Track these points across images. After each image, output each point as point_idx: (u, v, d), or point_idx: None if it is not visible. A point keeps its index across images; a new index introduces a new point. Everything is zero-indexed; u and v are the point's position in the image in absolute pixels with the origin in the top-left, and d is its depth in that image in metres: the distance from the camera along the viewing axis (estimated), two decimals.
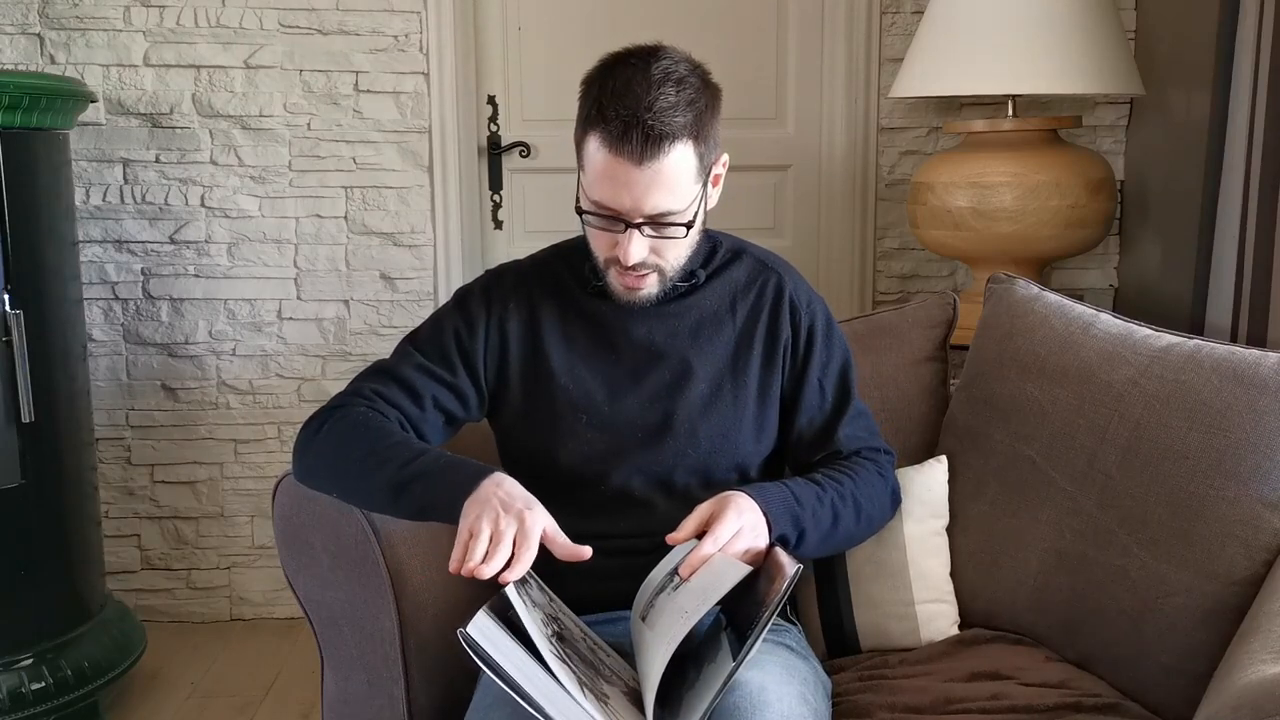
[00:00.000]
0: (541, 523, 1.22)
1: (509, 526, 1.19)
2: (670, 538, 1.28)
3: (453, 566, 1.19)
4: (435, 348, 1.46)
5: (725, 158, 1.42)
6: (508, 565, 1.17)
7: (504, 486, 1.26)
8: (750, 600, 1.22)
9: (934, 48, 2.39)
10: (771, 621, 1.16)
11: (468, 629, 1.12)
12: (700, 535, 1.26)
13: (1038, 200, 2.36)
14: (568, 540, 1.24)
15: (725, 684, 1.13)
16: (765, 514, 1.30)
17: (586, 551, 1.23)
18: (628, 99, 1.29)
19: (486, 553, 1.17)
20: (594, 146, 1.32)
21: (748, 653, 1.14)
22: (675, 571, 1.26)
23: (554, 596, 1.31)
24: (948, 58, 2.35)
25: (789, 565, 1.21)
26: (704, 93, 1.34)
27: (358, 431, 1.37)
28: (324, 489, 1.41)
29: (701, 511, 1.29)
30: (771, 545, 1.30)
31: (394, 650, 1.43)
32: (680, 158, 1.31)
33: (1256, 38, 1.97)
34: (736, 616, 1.23)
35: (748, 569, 1.23)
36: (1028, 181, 2.36)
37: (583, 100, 1.36)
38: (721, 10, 2.84)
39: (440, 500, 1.28)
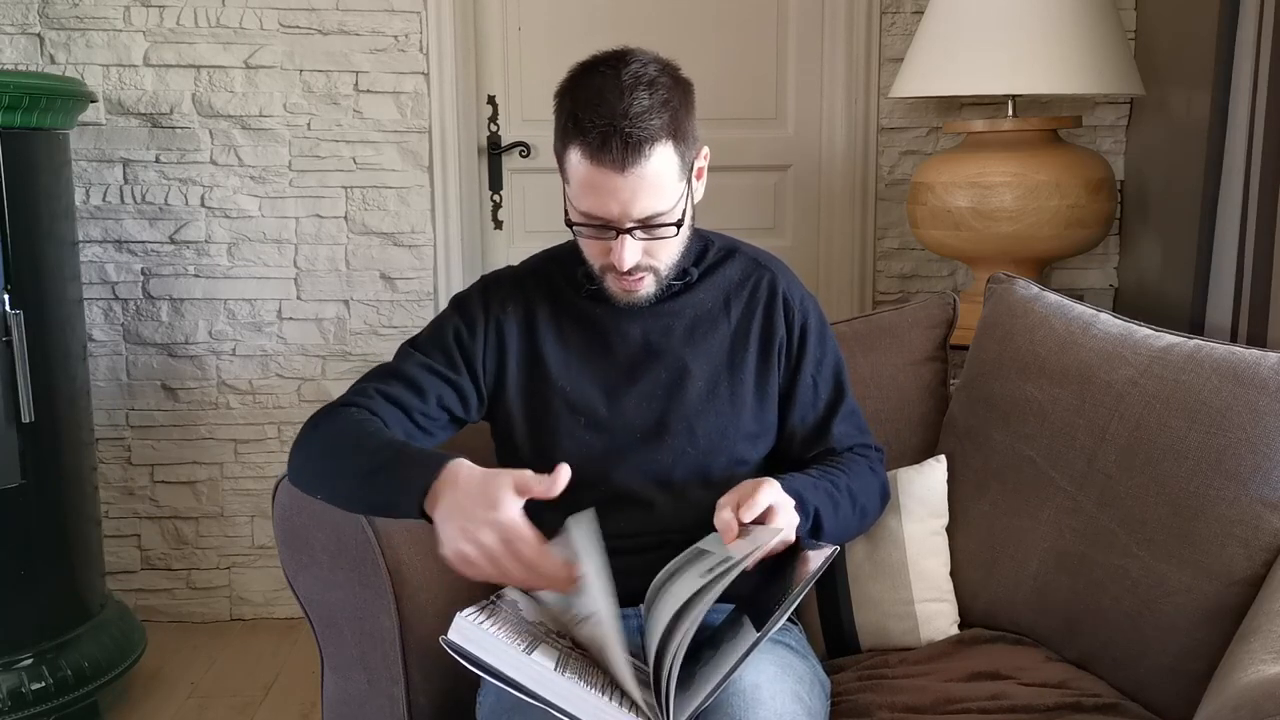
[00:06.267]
0: (513, 514, 1.17)
1: (489, 538, 1.16)
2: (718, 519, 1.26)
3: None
4: (438, 347, 1.46)
5: (706, 150, 1.43)
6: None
7: (459, 488, 1.21)
8: (780, 581, 1.24)
9: (934, 48, 2.39)
10: (789, 610, 1.18)
11: (448, 635, 1.13)
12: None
13: (1038, 200, 2.36)
14: (544, 482, 1.19)
15: (748, 653, 1.14)
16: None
17: (564, 473, 1.19)
18: (603, 108, 1.30)
19: (503, 570, 1.17)
20: (575, 159, 1.33)
21: (776, 623, 1.15)
22: (699, 550, 1.28)
23: None
24: (948, 58, 2.35)
25: (825, 546, 1.26)
26: (676, 91, 1.35)
27: (342, 435, 1.36)
28: (311, 492, 1.40)
29: (741, 491, 1.29)
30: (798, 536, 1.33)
31: (394, 650, 1.43)
32: (662, 159, 1.32)
33: (1256, 38, 1.97)
34: (758, 601, 1.25)
35: (779, 530, 1.24)
36: (1028, 181, 2.36)
37: (557, 113, 1.37)
38: (721, 10, 2.84)
39: (399, 498, 1.25)
